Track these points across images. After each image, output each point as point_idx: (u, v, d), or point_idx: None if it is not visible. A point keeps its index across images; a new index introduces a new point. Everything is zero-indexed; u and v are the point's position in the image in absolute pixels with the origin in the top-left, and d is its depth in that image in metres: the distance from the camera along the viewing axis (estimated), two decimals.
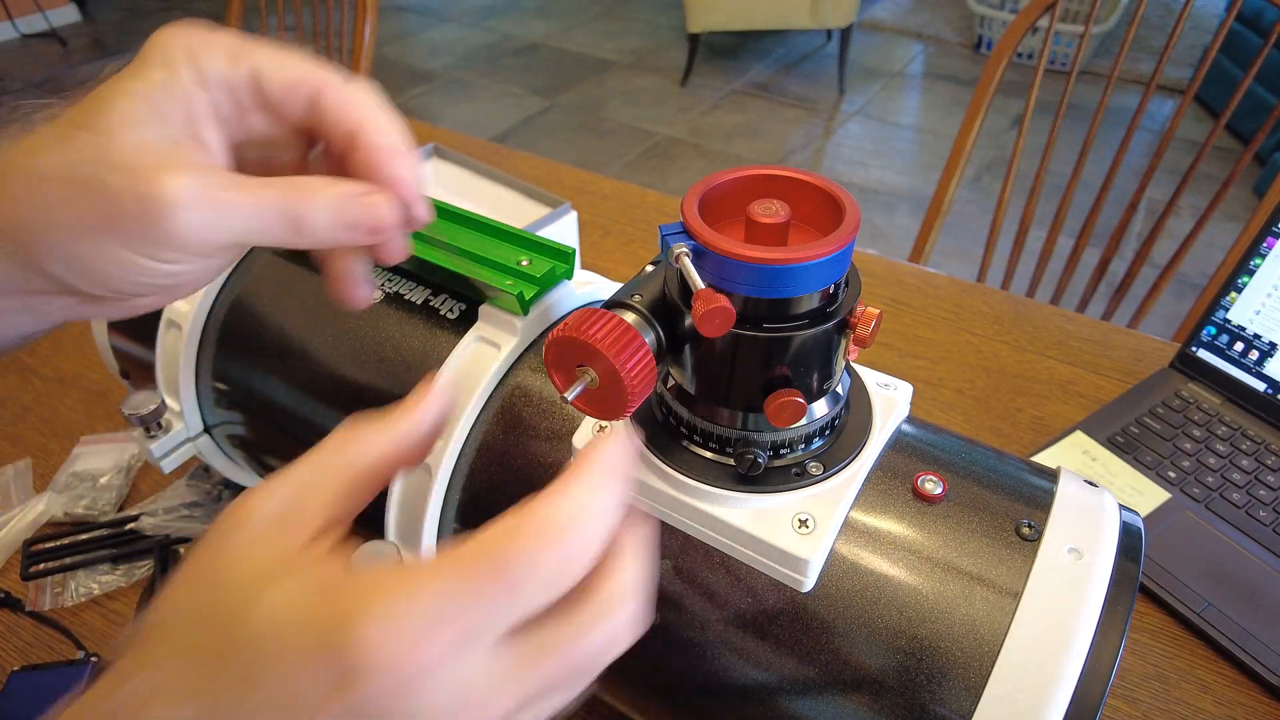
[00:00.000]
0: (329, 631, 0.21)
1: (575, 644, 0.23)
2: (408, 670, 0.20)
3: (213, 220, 0.26)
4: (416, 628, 0.20)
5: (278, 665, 0.21)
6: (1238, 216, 2.20)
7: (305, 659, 0.21)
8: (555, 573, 0.22)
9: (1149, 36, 3.40)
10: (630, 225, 0.93)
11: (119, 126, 0.26)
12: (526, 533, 0.22)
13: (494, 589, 0.21)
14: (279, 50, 0.29)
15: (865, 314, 0.30)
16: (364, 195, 0.29)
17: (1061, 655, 0.28)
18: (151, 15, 4.02)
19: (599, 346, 0.28)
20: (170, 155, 0.27)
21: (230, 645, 0.22)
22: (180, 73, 0.27)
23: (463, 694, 0.21)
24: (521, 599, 0.22)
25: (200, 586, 0.23)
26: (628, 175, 2.71)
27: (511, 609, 0.22)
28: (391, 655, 0.20)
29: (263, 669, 0.21)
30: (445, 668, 0.21)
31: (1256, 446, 0.64)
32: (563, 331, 0.29)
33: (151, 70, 0.27)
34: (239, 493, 0.60)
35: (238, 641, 0.22)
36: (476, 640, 0.21)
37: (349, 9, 1.42)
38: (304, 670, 0.21)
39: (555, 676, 0.23)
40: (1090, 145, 1.08)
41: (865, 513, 0.33)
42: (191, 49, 0.27)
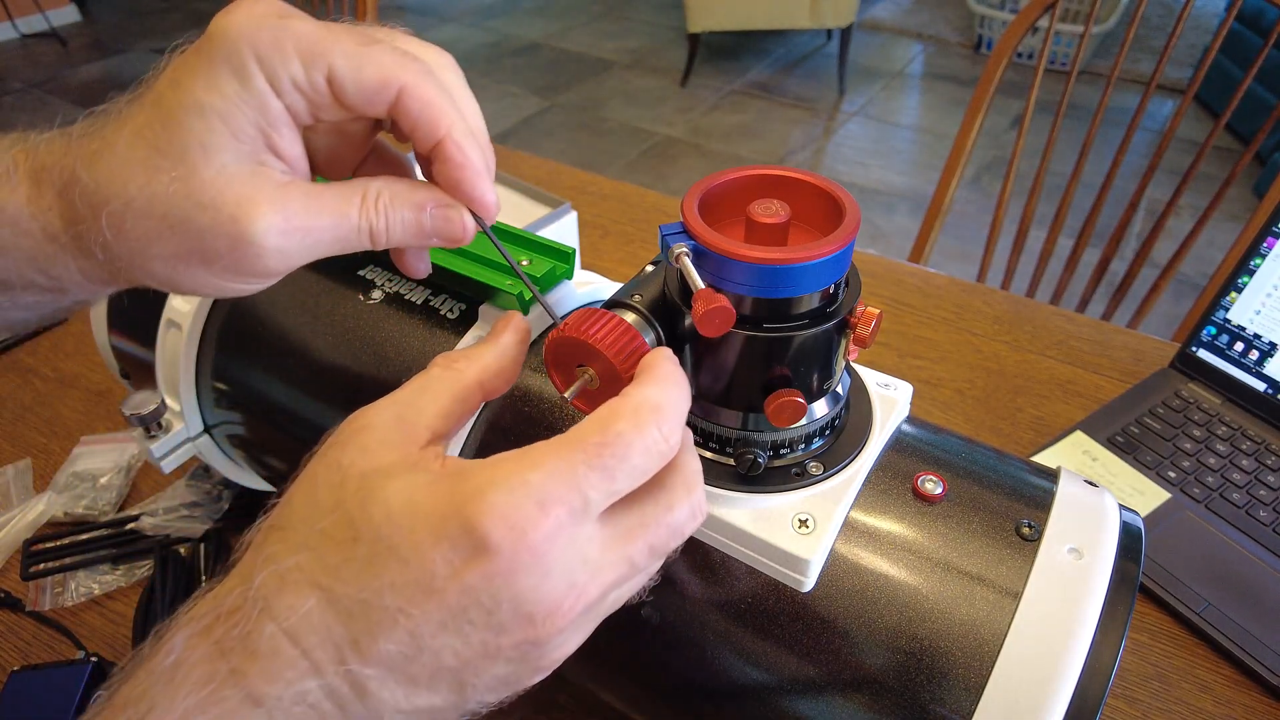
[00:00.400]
0: (455, 512, 0.23)
1: (666, 516, 0.26)
2: (530, 541, 0.22)
3: (298, 251, 0.28)
4: (533, 504, 0.22)
5: (406, 546, 0.23)
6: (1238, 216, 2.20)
7: (434, 538, 0.23)
8: (647, 452, 0.24)
9: (1149, 36, 3.40)
10: (630, 225, 0.93)
11: (199, 155, 0.26)
12: (623, 415, 0.24)
13: (598, 465, 0.23)
14: (357, 44, 0.27)
15: (865, 314, 0.30)
16: (441, 209, 0.29)
17: (1061, 655, 0.28)
18: (152, 15, 4.02)
19: (599, 346, 0.28)
20: (252, 185, 0.27)
21: (360, 531, 0.23)
22: (253, 83, 0.26)
23: (578, 562, 0.24)
24: (622, 474, 0.24)
25: (327, 484, 0.25)
26: (628, 175, 2.71)
27: (613, 484, 0.24)
28: (515, 529, 0.22)
29: (393, 550, 0.23)
30: (562, 538, 0.23)
31: (1256, 446, 0.64)
32: (563, 331, 0.29)
33: (222, 78, 0.26)
34: (239, 493, 0.60)
35: (367, 528, 0.23)
36: (584, 515, 0.24)
37: (349, 9, 1.42)
38: (433, 548, 0.23)
39: (653, 545, 0.25)
40: (1090, 145, 1.08)
41: (865, 513, 0.33)
42: (262, 51, 0.26)
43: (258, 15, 0.26)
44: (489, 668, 0.24)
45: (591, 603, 0.24)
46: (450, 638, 0.23)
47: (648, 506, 0.25)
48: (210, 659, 0.23)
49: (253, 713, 0.22)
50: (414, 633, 0.23)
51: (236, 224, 0.26)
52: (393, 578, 0.23)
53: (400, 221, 0.29)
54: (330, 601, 0.23)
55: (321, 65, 0.26)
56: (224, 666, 0.22)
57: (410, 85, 0.27)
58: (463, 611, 0.23)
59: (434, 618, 0.23)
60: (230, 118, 0.26)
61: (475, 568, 0.22)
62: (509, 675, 0.25)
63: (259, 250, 0.27)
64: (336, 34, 0.27)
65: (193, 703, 0.22)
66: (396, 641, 0.23)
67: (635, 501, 0.25)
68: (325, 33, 0.26)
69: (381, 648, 0.23)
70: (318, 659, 0.23)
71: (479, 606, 0.23)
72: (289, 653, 0.23)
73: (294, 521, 0.25)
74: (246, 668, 0.22)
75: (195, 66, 0.26)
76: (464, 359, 0.29)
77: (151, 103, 0.27)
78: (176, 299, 0.47)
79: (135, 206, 0.27)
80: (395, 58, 0.27)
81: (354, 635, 0.23)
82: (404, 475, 0.24)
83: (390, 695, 0.23)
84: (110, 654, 0.53)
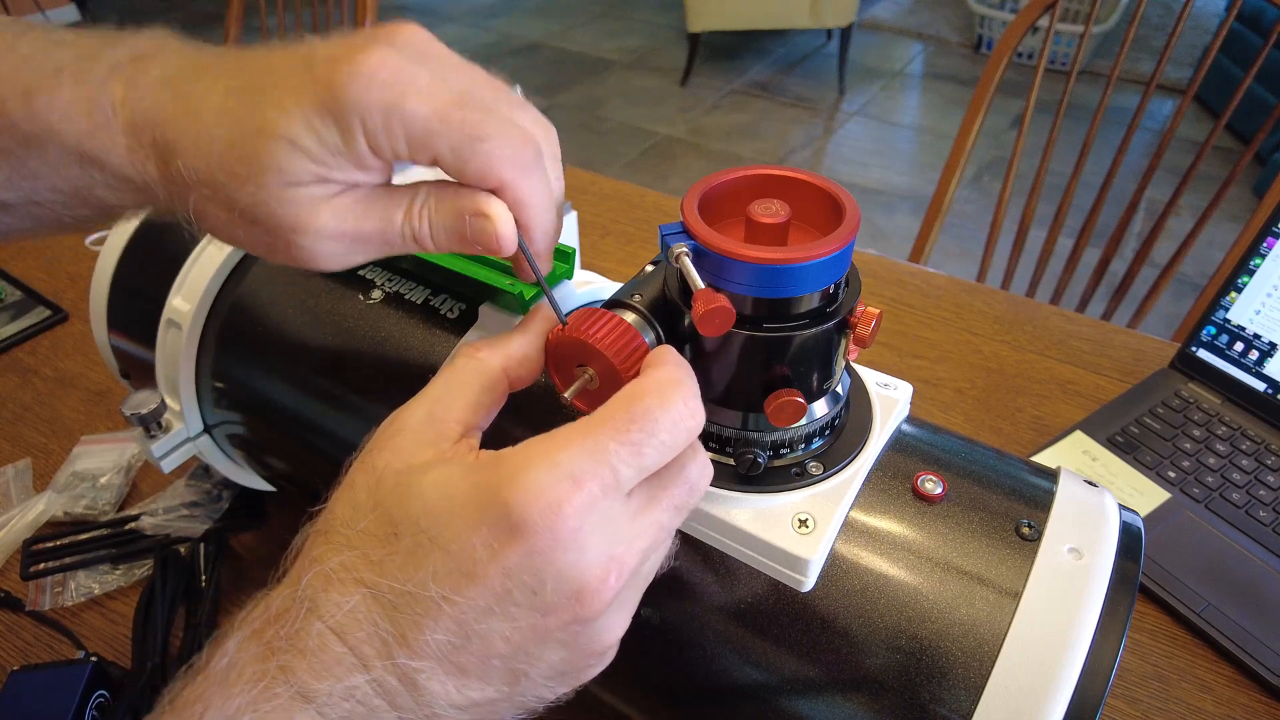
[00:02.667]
0: (490, 496, 0.23)
1: (680, 474, 0.26)
2: (564, 516, 0.23)
3: (347, 252, 0.29)
4: (567, 482, 0.23)
5: (446, 534, 0.23)
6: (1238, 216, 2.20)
7: (472, 523, 0.23)
8: (674, 427, 0.25)
9: (1149, 36, 3.40)
10: (630, 225, 0.93)
11: (276, 178, 0.26)
12: (648, 391, 0.25)
13: (626, 440, 0.24)
14: (466, 136, 0.26)
15: (865, 314, 0.30)
16: (477, 219, 0.29)
17: (1061, 655, 0.28)
18: (152, 15, 4.02)
19: (600, 346, 0.28)
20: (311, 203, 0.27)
21: (399, 527, 0.24)
22: (355, 147, 0.26)
23: (613, 534, 0.24)
24: (650, 448, 0.24)
25: (365, 486, 0.26)
26: (628, 175, 2.71)
27: (642, 459, 0.24)
28: (549, 506, 0.23)
29: (433, 540, 0.24)
30: (596, 513, 0.24)
31: (1256, 446, 0.64)
32: (564, 331, 0.29)
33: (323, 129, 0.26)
34: (239, 493, 0.60)
35: (406, 522, 0.24)
36: (616, 490, 0.24)
37: (349, 9, 1.42)
38: (472, 533, 0.23)
39: (676, 505, 0.26)
40: (1090, 145, 1.08)
41: (865, 512, 0.33)
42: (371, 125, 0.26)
43: (379, 82, 0.25)
44: (541, 653, 0.25)
45: (631, 571, 0.25)
46: (498, 622, 0.24)
47: (664, 470, 0.26)
48: (261, 659, 0.23)
49: (303, 709, 0.23)
50: (460, 620, 0.23)
51: (294, 233, 0.27)
52: (435, 567, 0.23)
53: (442, 228, 0.29)
54: (375, 597, 0.24)
55: (426, 155, 0.27)
56: (273, 665, 0.23)
57: (509, 183, 0.28)
58: (507, 594, 0.23)
59: (479, 603, 0.23)
60: (321, 161, 0.26)
61: (514, 548, 0.23)
62: (563, 663, 0.25)
63: (311, 253, 0.28)
64: (449, 121, 0.26)
65: (244, 700, 0.22)
66: (443, 630, 0.23)
67: (659, 471, 0.26)
68: (438, 123, 0.26)
69: (428, 638, 0.23)
70: (365, 654, 0.23)
71: (523, 587, 0.23)
72: (336, 649, 0.23)
73: (336, 525, 0.25)
74: (295, 665, 0.23)
75: (301, 95, 0.26)
76: (488, 347, 0.30)
77: (240, 79, 0.27)
78: (176, 298, 0.48)
79: (214, 198, 0.28)
80: (502, 152, 0.27)
81: (400, 628, 0.23)
82: (438, 469, 0.25)
83: (441, 688, 0.24)
84: (110, 654, 0.53)
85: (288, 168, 0.26)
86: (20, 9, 3.69)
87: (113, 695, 0.49)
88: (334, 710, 0.23)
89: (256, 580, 0.58)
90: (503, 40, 3.74)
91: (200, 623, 0.53)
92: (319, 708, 0.23)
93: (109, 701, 0.49)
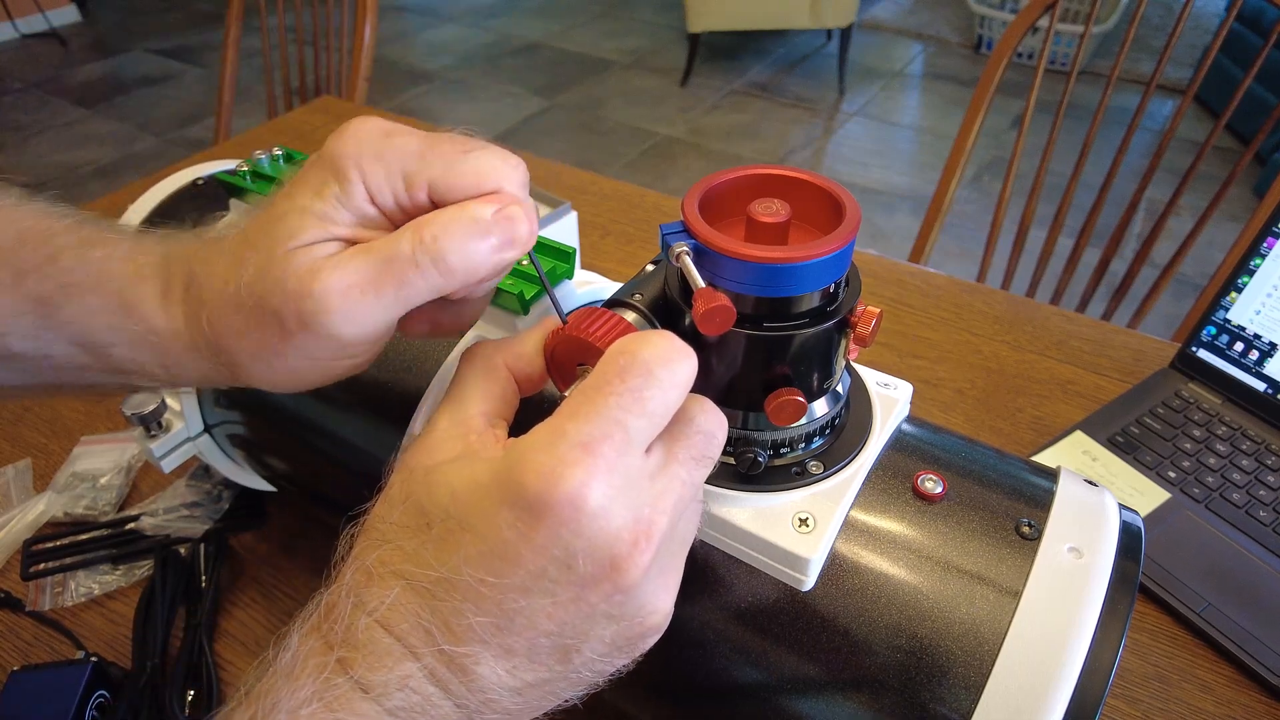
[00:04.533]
0: (507, 478, 0.24)
1: (690, 426, 0.27)
2: (580, 484, 0.23)
3: (366, 310, 0.26)
4: (577, 450, 0.23)
5: (475, 518, 0.24)
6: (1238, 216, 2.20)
7: (497, 506, 0.24)
8: (669, 363, 0.25)
9: (1149, 36, 3.40)
10: (630, 225, 0.93)
11: (281, 244, 0.27)
12: (631, 340, 0.25)
13: (626, 392, 0.24)
14: (456, 153, 0.27)
15: (865, 313, 0.30)
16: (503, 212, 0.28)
17: (1061, 655, 0.28)
18: (152, 15, 4.02)
19: (601, 346, 0.28)
20: (313, 260, 0.27)
21: (430, 517, 0.25)
22: (353, 191, 0.27)
23: (636, 494, 0.24)
24: (652, 393, 0.24)
25: (399, 483, 0.27)
26: (628, 175, 2.71)
27: (646, 406, 0.24)
28: (563, 479, 0.23)
29: (463, 525, 0.24)
30: (615, 476, 0.23)
31: (1256, 446, 0.64)
32: (565, 330, 0.29)
33: (327, 187, 0.27)
34: (239, 493, 0.60)
35: (436, 511, 0.25)
36: (629, 447, 0.24)
37: (349, 9, 1.42)
38: (498, 515, 0.23)
39: (694, 456, 0.26)
40: (1090, 145, 1.08)
41: (865, 512, 0.33)
42: (366, 167, 0.27)
43: (364, 135, 0.27)
44: (589, 628, 0.25)
45: (663, 532, 0.25)
46: (538, 599, 0.24)
47: (673, 426, 0.26)
48: (320, 651, 0.24)
49: (362, 699, 0.23)
50: (499, 602, 0.24)
51: (299, 296, 0.26)
52: (467, 552, 0.24)
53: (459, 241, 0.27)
54: (413, 587, 0.24)
55: (422, 179, 0.27)
56: (332, 658, 0.24)
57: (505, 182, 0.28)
58: (542, 572, 0.23)
59: (515, 582, 0.24)
60: (326, 216, 0.27)
61: (541, 526, 0.23)
62: (615, 637, 0.26)
63: (324, 319, 0.26)
64: (437, 145, 0.27)
65: (309, 692, 0.23)
66: (484, 613, 0.24)
67: (670, 424, 0.26)
68: (428, 149, 0.27)
69: (470, 622, 0.24)
70: (412, 644, 0.24)
71: (556, 563, 0.23)
72: (384, 641, 0.24)
73: (374, 522, 0.26)
74: (351, 658, 0.24)
75: (306, 177, 0.28)
76: (491, 344, 0.30)
77: (264, 208, 0.28)
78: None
79: (224, 300, 0.28)
80: (493, 160, 0.28)
81: (442, 616, 0.24)
82: (464, 460, 0.26)
83: (491, 672, 0.24)
84: (110, 654, 0.53)
85: (296, 229, 0.27)
86: (20, 9, 3.69)
87: (113, 695, 0.49)
88: (390, 700, 0.24)
89: (257, 580, 0.58)
90: (503, 40, 3.74)
91: (200, 623, 0.53)
92: (376, 698, 0.24)
93: (109, 701, 0.49)
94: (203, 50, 3.62)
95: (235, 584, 0.58)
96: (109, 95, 3.20)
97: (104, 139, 2.92)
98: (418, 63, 3.51)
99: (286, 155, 0.48)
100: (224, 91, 1.49)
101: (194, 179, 0.54)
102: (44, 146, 2.87)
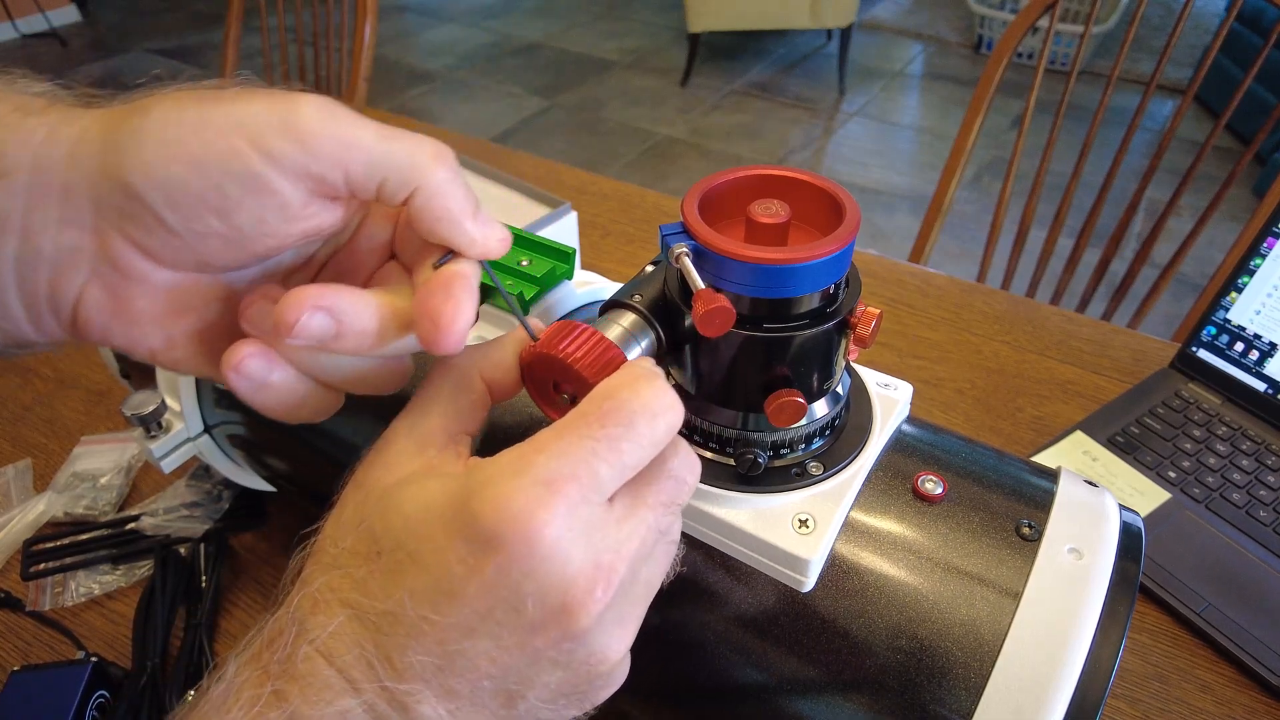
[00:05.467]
0: (460, 511, 0.22)
1: (663, 468, 0.25)
2: (539, 524, 0.21)
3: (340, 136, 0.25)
4: (540, 487, 0.22)
5: (424, 549, 0.23)
6: (1238, 216, 2.20)
7: (448, 537, 0.22)
8: (650, 420, 0.24)
9: (1149, 36, 3.40)
10: (630, 225, 0.93)
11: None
12: (622, 385, 0.24)
13: (603, 436, 0.23)
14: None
15: (865, 314, 0.30)
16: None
17: (1061, 655, 0.28)
18: (152, 15, 4.02)
19: (574, 364, 0.27)
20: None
21: (381, 543, 0.23)
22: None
23: (595, 541, 0.23)
24: (629, 444, 0.23)
25: (353, 502, 0.25)
26: (628, 175, 2.71)
27: (620, 456, 0.23)
28: (522, 515, 0.21)
29: (412, 556, 0.23)
30: (577, 519, 0.22)
31: (1256, 446, 0.64)
32: (535, 347, 0.27)
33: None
34: (239, 493, 0.60)
35: (387, 538, 0.23)
36: (596, 491, 0.23)
37: (349, 9, 1.42)
38: (448, 548, 0.22)
39: (664, 501, 0.25)
40: (1090, 145, 1.08)
41: (865, 513, 0.33)
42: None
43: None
44: (536, 674, 0.23)
45: (622, 579, 0.23)
46: (481, 641, 0.22)
47: (645, 469, 0.25)
48: (257, 683, 0.23)
49: None
50: (442, 640, 0.22)
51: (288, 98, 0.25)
52: (413, 585, 0.22)
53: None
54: (359, 617, 0.23)
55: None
56: (268, 689, 0.22)
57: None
58: (488, 612, 0.22)
59: (458, 621, 0.22)
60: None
61: (490, 563, 0.22)
62: (563, 684, 0.24)
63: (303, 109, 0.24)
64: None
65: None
66: (426, 651, 0.22)
67: (641, 472, 0.25)
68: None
69: (412, 660, 0.22)
70: (354, 677, 0.23)
71: (504, 604, 0.22)
72: (325, 672, 0.23)
73: (325, 544, 0.25)
74: (288, 690, 0.22)
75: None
76: (465, 353, 0.29)
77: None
78: None
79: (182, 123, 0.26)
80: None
81: (385, 650, 0.22)
82: (421, 481, 0.24)
83: (433, 712, 0.23)
84: (110, 654, 0.53)
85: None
86: (20, 9, 3.69)
87: (113, 695, 0.49)
88: None
89: (257, 580, 0.58)
90: (503, 40, 3.74)
91: (200, 623, 0.53)
92: None
93: (109, 701, 0.49)
94: (203, 50, 3.62)
95: (235, 584, 0.58)
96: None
97: None
98: (418, 63, 3.51)
99: None
100: None
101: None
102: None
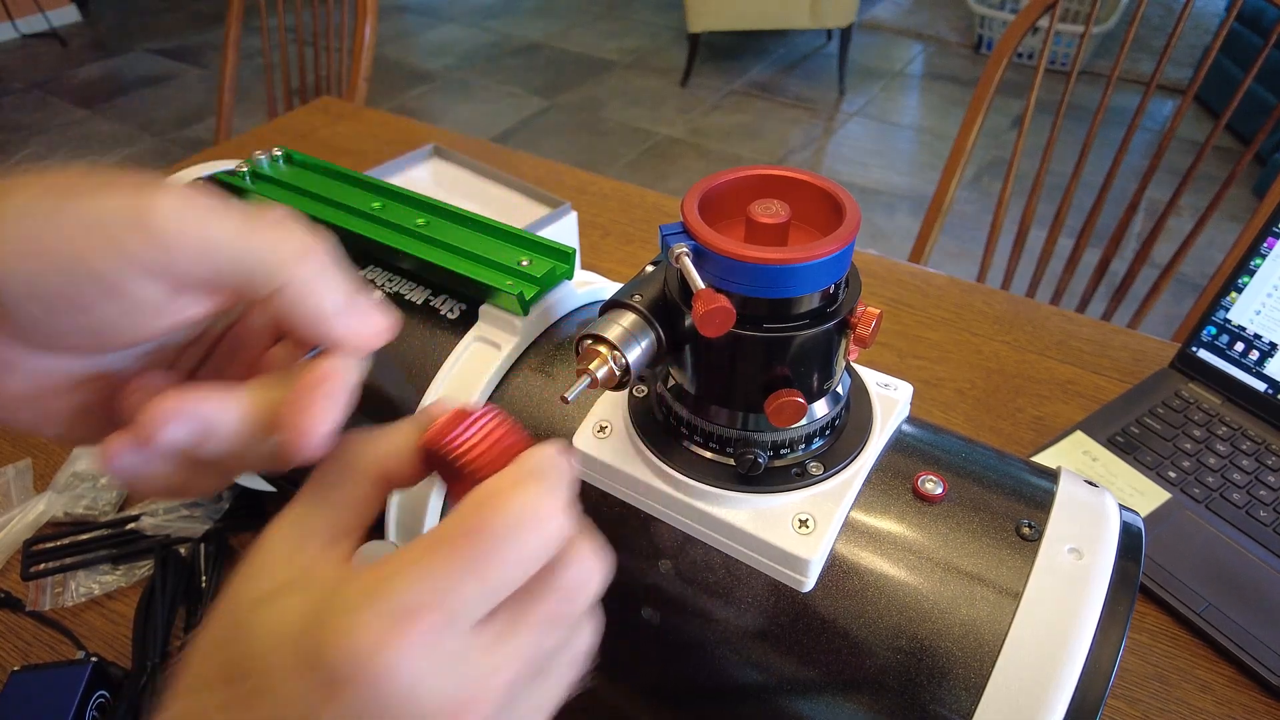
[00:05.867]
0: (310, 636, 0.20)
1: (553, 577, 0.22)
2: (390, 662, 0.19)
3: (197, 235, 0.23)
4: (391, 619, 0.20)
5: (273, 679, 0.20)
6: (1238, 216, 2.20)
7: (296, 669, 0.20)
8: (529, 534, 0.21)
9: (1149, 36, 3.40)
10: (630, 225, 0.93)
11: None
12: (495, 494, 0.22)
13: (467, 558, 0.21)
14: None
15: (865, 314, 0.30)
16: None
17: (1062, 655, 0.28)
18: (152, 15, 4.02)
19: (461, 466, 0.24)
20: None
21: (234, 670, 0.21)
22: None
23: (460, 673, 0.20)
24: (496, 567, 0.21)
25: (219, 617, 0.23)
26: (628, 175, 2.71)
27: (485, 582, 0.21)
28: (370, 650, 0.19)
29: (262, 686, 0.21)
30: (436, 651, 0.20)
31: (1257, 446, 0.64)
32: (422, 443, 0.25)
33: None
34: (239, 493, 0.60)
35: (243, 664, 0.21)
36: (458, 619, 0.21)
37: (349, 9, 1.42)
38: (296, 681, 0.20)
39: (548, 619, 0.22)
40: (1090, 145, 1.08)
41: (865, 513, 0.33)
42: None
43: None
44: None
45: (498, 710, 0.21)
46: None
47: (529, 581, 0.22)
48: None
49: None
50: None
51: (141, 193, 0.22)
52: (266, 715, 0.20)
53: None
54: None
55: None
56: None
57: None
58: None
59: None
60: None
61: (335, 700, 0.19)
62: None
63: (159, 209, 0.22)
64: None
65: None
66: None
67: (517, 593, 0.22)
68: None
69: None
70: None
71: None
72: None
73: (188, 663, 0.23)
74: None
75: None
76: (360, 441, 0.26)
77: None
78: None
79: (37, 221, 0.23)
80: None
81: None
82: (285, 597, 0.22)
83: None
84: (110, 654, 0.53)
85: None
86: (20, 9, 3.69)
87: (113, 695, 0.49)
88: None
89: None
90: (503, 40, 3.74)
91: (200, 623, 0.53)
92: None
93: (109, 701, 0.49)
94: (203, 50, 3.63)
95: None
96: (109, 95, 3.20)
97: (104, 139, 2.92)
98: (418, 63, 3.51)
99: (286, 155, 0.48)
100: (224, 92, 1.49)
101: (194, 179, 0.54)
102: (44, 147, 2.87)
